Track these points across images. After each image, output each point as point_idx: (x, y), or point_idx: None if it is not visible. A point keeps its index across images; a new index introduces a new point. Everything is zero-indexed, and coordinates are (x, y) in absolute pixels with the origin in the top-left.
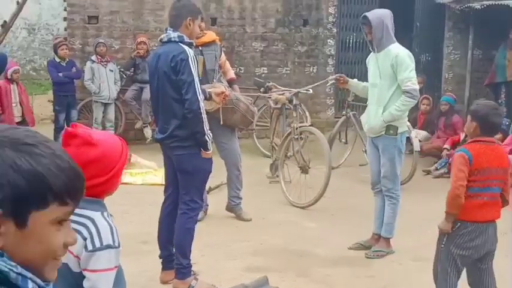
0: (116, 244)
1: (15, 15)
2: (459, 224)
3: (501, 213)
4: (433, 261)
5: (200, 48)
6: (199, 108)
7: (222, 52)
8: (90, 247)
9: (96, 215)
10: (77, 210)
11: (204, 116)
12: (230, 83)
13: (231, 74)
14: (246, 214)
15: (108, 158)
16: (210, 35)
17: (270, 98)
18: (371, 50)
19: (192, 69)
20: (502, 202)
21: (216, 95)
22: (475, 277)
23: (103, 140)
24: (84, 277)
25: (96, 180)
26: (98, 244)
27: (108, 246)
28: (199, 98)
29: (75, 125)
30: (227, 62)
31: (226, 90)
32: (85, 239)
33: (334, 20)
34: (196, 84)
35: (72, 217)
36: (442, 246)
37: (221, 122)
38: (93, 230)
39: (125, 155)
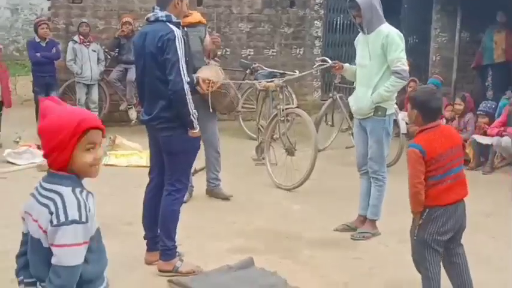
0: (83, 219)
1: None
2: (428, 210)
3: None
4: (411, 254)
5: (185, 29)
6: (183, 90)
7: (207, 34)
8: (55, 221)
9: (65, 190)
10: (48, 185)
11: (189, 96)
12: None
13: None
14: (226, 192)
15: (53, 129)
16: (196, 16)
17: (259, 84)
18: (361, 32)
19: (178, 50)
20: None
21: (202, 82)
22: (445, 257)
23: (55, 112)
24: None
25: (46, 148)
26: (62, 218)
27: (74, 221)
28: (184, 79)
29: (52, 99)
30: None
31: (214, 77)
32: (51, 213)
33: (321, 1)
34: (181, 65)
35: (42, 191)
36: (415, 238)
37: (210, 109)
38: (60, 204)
39: (70, 134)
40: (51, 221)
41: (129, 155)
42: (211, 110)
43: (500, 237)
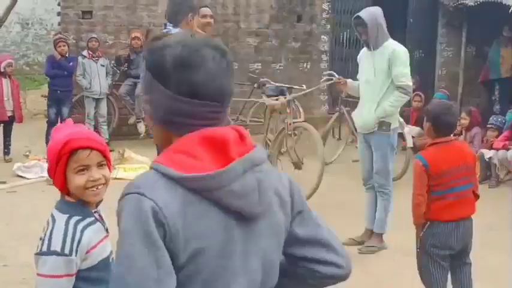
0: (66, 252)
1: (9, 9)
2: (429, 223)
3: (475, 208)
4: (417, 268)
5: None
6: None
7: None
8: (38, 248)
9: (60, 217)
10: (54, 212)
11: None
12: None
13: None
14: None
15: (49, 150)
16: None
17: (264, 101)
18: (367, 48)
19: None
20: (474, 197)
21: None
22: (452, 274)
23: (53, 138)
24: None
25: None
26: (45, 248)
27: (54, 252)
28: None
29: (68, 122)
30: None
31: None
32: (40, 239)
33: (328, 16)
34: None
35: (50, 218)
36: (418, 250)
37: None
38: (48, 232)
39: (56, 156)
40: (37, 247)
41: (137, 169)
42: None
43: (505, 251)
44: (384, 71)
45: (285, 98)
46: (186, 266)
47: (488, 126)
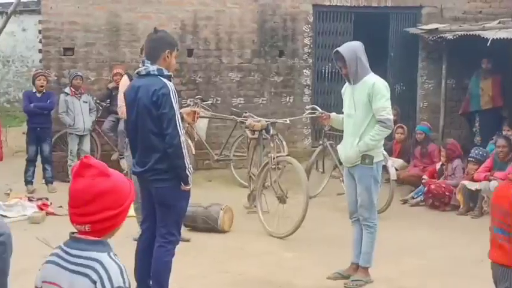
0: (127, 285)
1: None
2: None
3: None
4: None
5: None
6: (180, 143)
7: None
8: None
9: (103, 256)
10: (83, 253)
11: (185, 150)
12: None
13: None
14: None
15: (121, 191)
16: None
17: (245, 125)
18: (347, 82)
19: (174, 104)
20: None
21: (187, 115)
22: None
23: (115, 172)
24: None
25: (108, 212)
26: (109, 287)
27: None
28: (180, 133)
29: (88, 157)
30: None
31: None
32: (94, 282)
33: (309, 50)
34: (177, 119)
35: (78, 260)
36: None
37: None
38: (103, 272)
39: (133, 191)
40: None
41: None
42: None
43: (492, 283)
44: (364, 105)
45: (266, 122)
46: None
47: (469, 159)
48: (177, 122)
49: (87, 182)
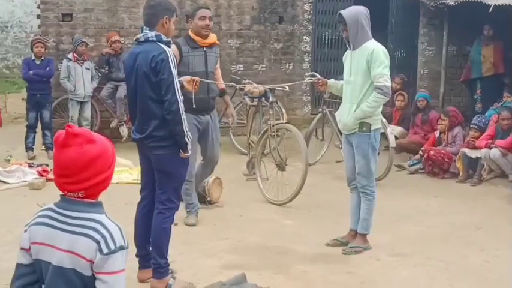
0: (126, 245)
1: None
2: None
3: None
4: None
5: (204, 49)
6: (179, 109)
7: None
8: (105, 250)
9: (102, 218)
10: (82, 214)
11: (184, 116)
12: (220, 93)
13: (222, 84)
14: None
15: (107, 153)
16: (213, 37)
17: (244, 90)
18: (347, 47)
19: (173, 70)
20: None
21: (187, 83)
22: None
23: (98, 136)
24: (94, 279)
25: (100, 176)
26: (112, 246)
27: (121, 248)
28: (179, 99)
29: (71, 126)
30: (219, 69)
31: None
32: (98, 242)
33: (309, 17)
34: (176, 85)
35: (79, 221)
36: None
37: (194, 105)
38: (105, 232)
39: (114, 150)
40: (99, 250)
41: (119, 172)
42: (194, 106)
43: (489, 250)
44: (363, 72)
45: (265, 88)
46: None
47: (471, 126)
48: (176, 88)
49: (76, 150)
